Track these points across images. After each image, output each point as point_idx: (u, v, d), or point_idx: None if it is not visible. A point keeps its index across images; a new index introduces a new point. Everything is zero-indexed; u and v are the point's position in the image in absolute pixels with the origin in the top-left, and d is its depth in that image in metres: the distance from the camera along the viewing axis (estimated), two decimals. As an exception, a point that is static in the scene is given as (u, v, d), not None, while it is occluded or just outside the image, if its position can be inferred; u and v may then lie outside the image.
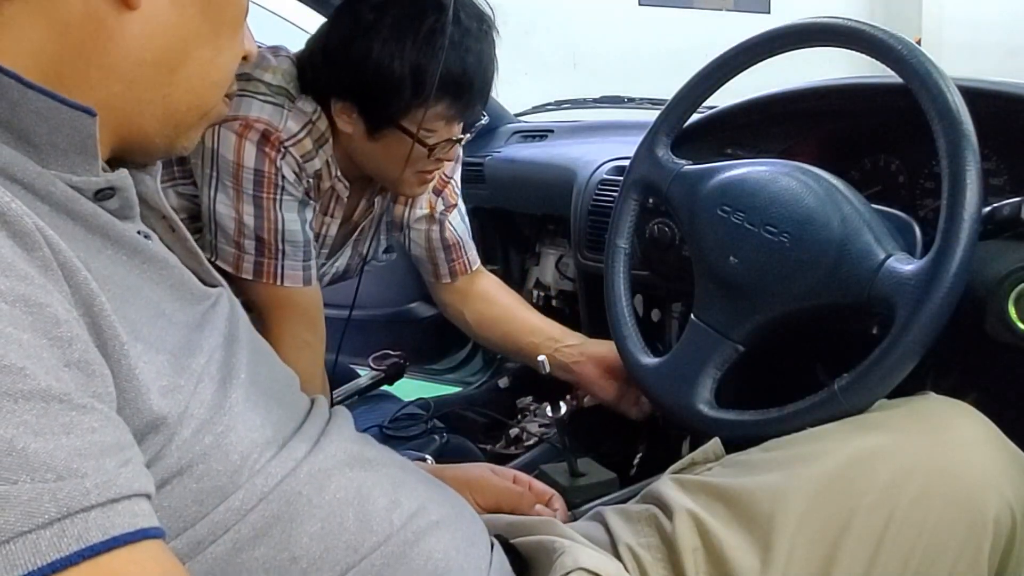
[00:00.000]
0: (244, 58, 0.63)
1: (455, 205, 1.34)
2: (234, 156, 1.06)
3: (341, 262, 1.33)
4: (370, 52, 1.04)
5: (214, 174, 1.07)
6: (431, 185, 1.27)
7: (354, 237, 1.30)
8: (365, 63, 1.05)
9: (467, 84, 1.07)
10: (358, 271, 1.34)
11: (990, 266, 0.79)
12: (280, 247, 1.11)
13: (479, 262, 1.39)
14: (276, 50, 1.13)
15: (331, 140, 1.12)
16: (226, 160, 1.06)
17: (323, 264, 1.29)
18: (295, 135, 1.08)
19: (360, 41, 1.05)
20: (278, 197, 1.09)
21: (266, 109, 1.06)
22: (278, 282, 1.12)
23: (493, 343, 1.42)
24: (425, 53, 1.03)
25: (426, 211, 1.31)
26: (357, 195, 1.25)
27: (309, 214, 1.15)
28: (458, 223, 1.34)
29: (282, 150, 1.07)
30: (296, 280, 1.13)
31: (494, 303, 1.38)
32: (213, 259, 1.09)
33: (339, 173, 1.16)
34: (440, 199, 1.32)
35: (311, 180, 1.13)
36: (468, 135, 1.17)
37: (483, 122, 1.20)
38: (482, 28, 1.09)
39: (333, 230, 1.23)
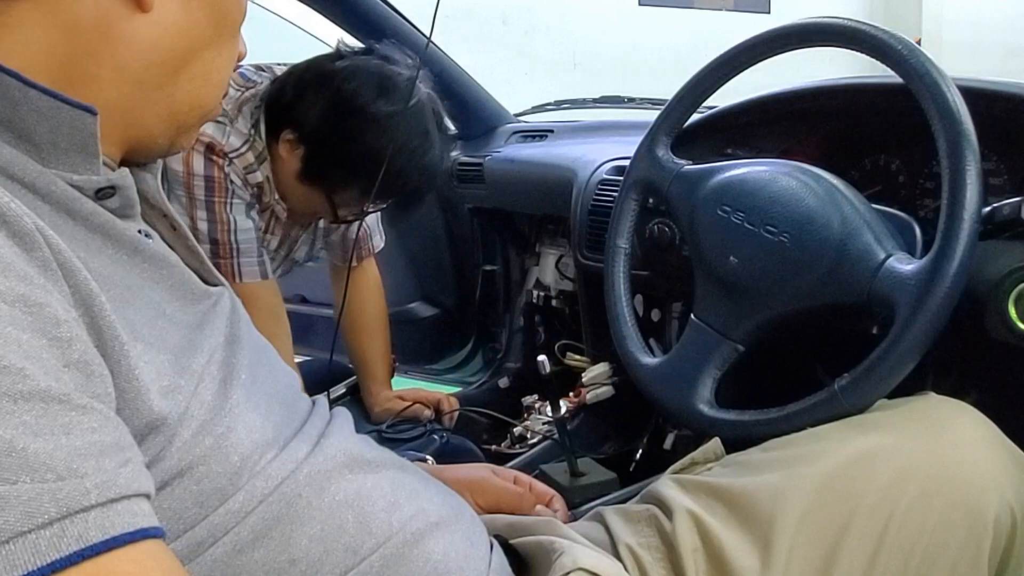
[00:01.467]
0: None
1: None
2: (183, 167, 1.12)
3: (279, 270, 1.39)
4: (364, 135, 1.11)
5: (164, 186, 1.11)
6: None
7: (291, 249, 1.37)
8: (355, 140, 1.12)
9: (412, 191, 1.18)
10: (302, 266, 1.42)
11: (990, 266, 0.79)
12: (235, 245, 1.16)
13: (382, 244, 1.46)
14: None
15: (268, 159, 1.18)
16: (175, 171, 1.12)
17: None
18: (237, 149, 1.14)
19: (358, 120, 1.11)
20: (229, 200, 1.15)
21: (209, 125, 1.11)
22: (237, 279, 1.17)
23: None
24: (408, 160, 1.13)
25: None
26: (297, 220, 1.31)
27: (256, 216, 1.21)
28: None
29: (228, 159, 1.13)
30: (254, 275, 1.18)
31: (357, 308, 1.44)
32: None
33: (277, 196, 1.22)
34: None
35: (255, 190, 1.19)
36: (379, 208, 1.29)
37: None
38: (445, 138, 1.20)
39: (272, 246, 1.30)
